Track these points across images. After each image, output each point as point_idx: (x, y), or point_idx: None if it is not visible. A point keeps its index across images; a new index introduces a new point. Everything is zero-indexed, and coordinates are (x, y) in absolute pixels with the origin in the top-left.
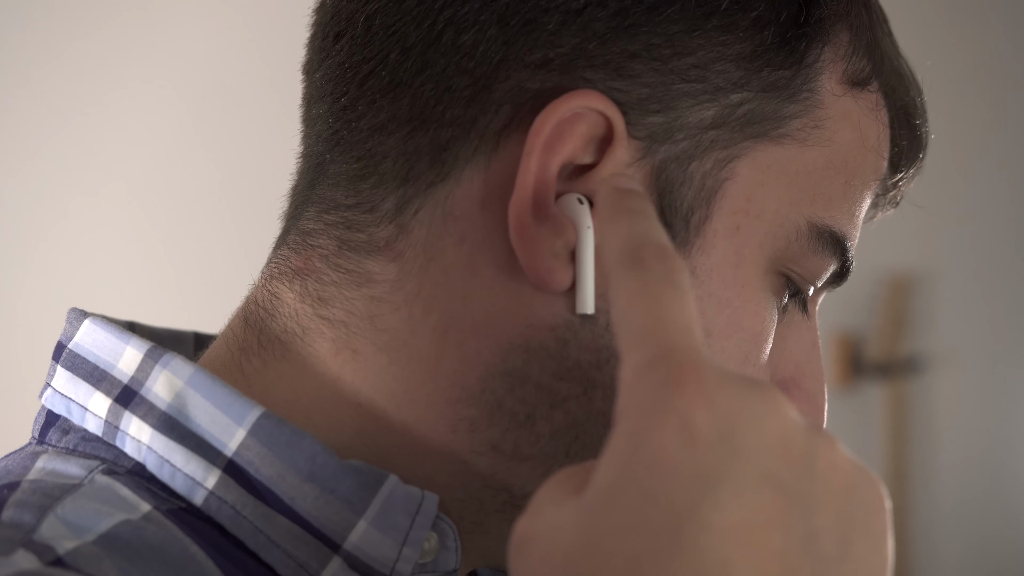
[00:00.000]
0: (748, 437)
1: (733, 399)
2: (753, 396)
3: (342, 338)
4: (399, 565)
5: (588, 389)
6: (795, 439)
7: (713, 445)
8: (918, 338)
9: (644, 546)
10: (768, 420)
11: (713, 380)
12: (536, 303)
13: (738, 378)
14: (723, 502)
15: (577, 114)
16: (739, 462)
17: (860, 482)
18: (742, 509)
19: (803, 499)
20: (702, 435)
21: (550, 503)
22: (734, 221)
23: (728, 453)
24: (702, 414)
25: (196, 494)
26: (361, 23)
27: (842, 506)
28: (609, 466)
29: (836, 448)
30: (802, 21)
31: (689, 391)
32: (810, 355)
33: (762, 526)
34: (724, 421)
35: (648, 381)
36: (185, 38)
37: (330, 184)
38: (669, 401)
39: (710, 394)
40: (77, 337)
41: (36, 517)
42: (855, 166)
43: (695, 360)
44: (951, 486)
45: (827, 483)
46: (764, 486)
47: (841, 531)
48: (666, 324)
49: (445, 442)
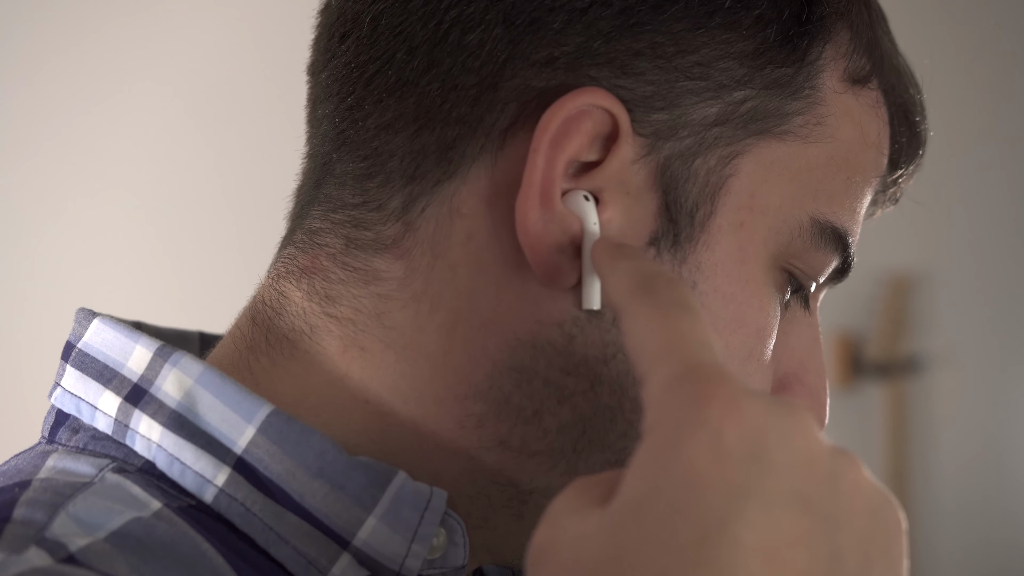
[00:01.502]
0: (777, 454)
1: (762, 415)
2: (780, 413)
3: (350, 336)
4: (408, 561)
5: (595, 384)
6: (821, 458)
7: (743, 461)
8: (918, 338)
9: (672, 560)
10: (796, 438)
11: (742, 396)
12: (543, 299)
13: (765, 395)
14: (752, 519)
15: (583, 111)
16: (768, 479)
17: (881, 504)
18: (770, 526)
19: (828, 518)
20: (732, 450)
21: (570, 513)
22: (738, 217)
23: (757, 469)
24: (732, 428)
25: (206, 492)
26: (367, 23)
27: (864, 527)
28: (638, 479)
29: (859, 469)
30: (804, 19)
31: (719, 405)
32: (812, 351)
33: (789, 543)
34: (753, 437)
35: (677, 396)
36: (190, 39)
37: (336, 183)
38: (699, 415)
39: (740, 409)
40: (86, 337)
41: (48, 515)
42: (856, 162)
43: (722, 375)
44: (951, 486)
45: (851, 503)
46: (792, 503)
47: (863, 551)
48: (688, 342)
49: (453, 438)
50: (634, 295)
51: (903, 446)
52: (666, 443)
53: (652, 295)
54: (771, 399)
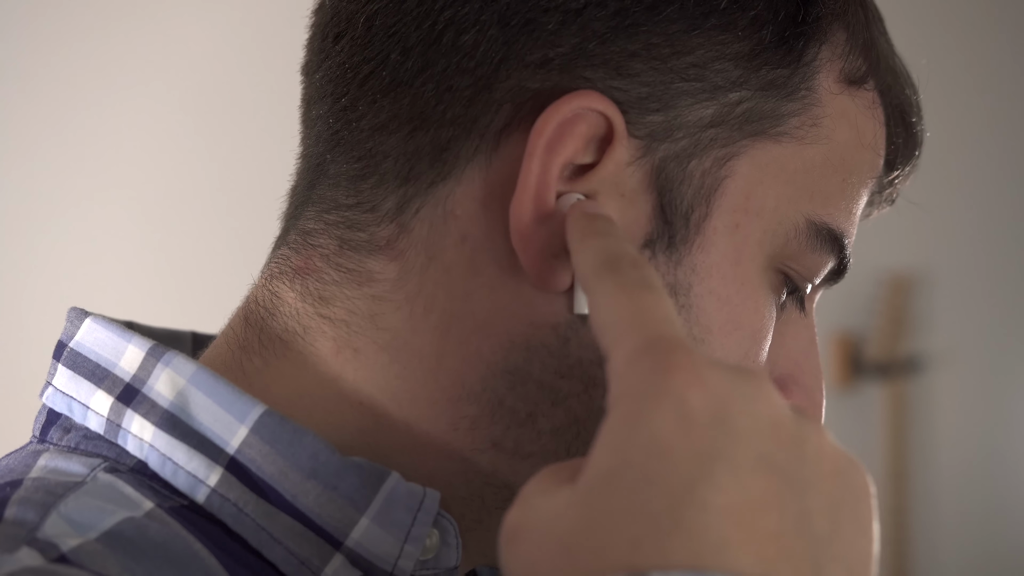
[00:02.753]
0: (741, 419)
1: (724, 382)
2: (743, 380)
3: (343, 337)
4: (401, 562)
5: (589, 387)
6: (785, 423)
7: (708, 426)
8: (918, 338)
9: (644, 528)
10: (759, 403)
11: (704, 364)
12: (537, 302)
13: (726, 364)
14: (720, 482)
15: (578, 115)
16: (734, 443)
17: (847, 467)
18: (739, 489)
19: (796, 480)
20: (697, 417)
21: (540, 494)
22: (733, 219)
23: (723, 434)
24: (696, 396)
25: (198, 492)
26: (361, 24)
27: (831, 489)
28: (605, 451)
29: (823, 434)
30: (800, 20)
31: (682, 374)
32: (808, 352)
33: (758, 506)
34: (718, 403)
35: (640, 367)
36: (185, 39)
37: (330, 184)
38: (663, 384)
39: (702, 377)
40: (78, 336)
41: (39, 515)
42: (852, 164)
43: (684, 346)
44: (951, 486)
45: (817, 466)
46: (759, 467)
47: (831, 513)
48: (650, 315)
49: (446, 440)
50: (598, 273)
51: (903, 446)
52: (631, 414)
53: (616, 273)
54: (733, 367)
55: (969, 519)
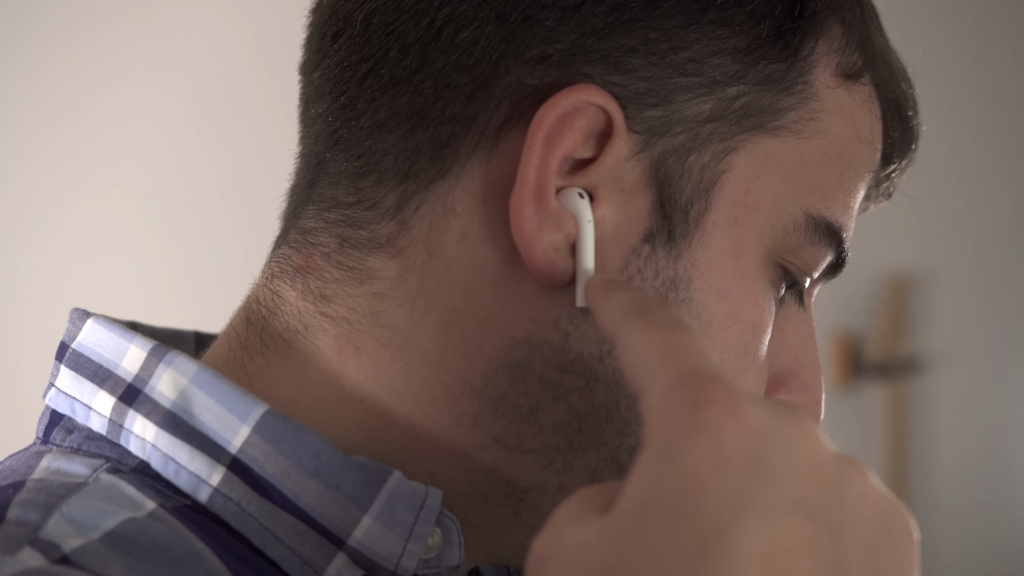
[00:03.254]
0: (778, 460)
1: (763, 420)
2: (783, 418)
3: (345, 335)
4: (403, 561)
5: (591, 381)
6: (826, 465)
7: (744, 467)
8: (918, 338)
9: (671, 568)
10: (799, 444)
11: (742, 400)
12: (538, 297)
13: (767, 400)
14: (752, 527)
15: (577, 108)
16: (769, 486)
17: (890, 513)
18: (771, 534)
19: (833, 526)
20: (733, 456)
21: (571, 522)
22: (732, 213)
23: (758, 476)
24: (732, 433)
25: (201, 492)
26: (359, 22)
27: (871, 536)
28: (638, 486)
29: (867, 477)
30: (796, 14)
31: (719, 409)
32: (807, 347)
33: (791, 552)
34: (754, 442)
35: (676, 401)
36: (184, 39)
37: (330, 182)
38: (699, 419)
39: (740, 413)
40: (80, 337)
41: (42, 515)
42: (850, 157)
43: (721, 379)
44: (951, 486)
45: (857, 512)
46: (794, 512)
47: (870, 561)
48: (685, 350)
49: (449, 437)
50: (627, 318)
51: (903, 446)
52: (666, 449)
53: (646, 315)
54: (773, 404)
55: (969, 519)
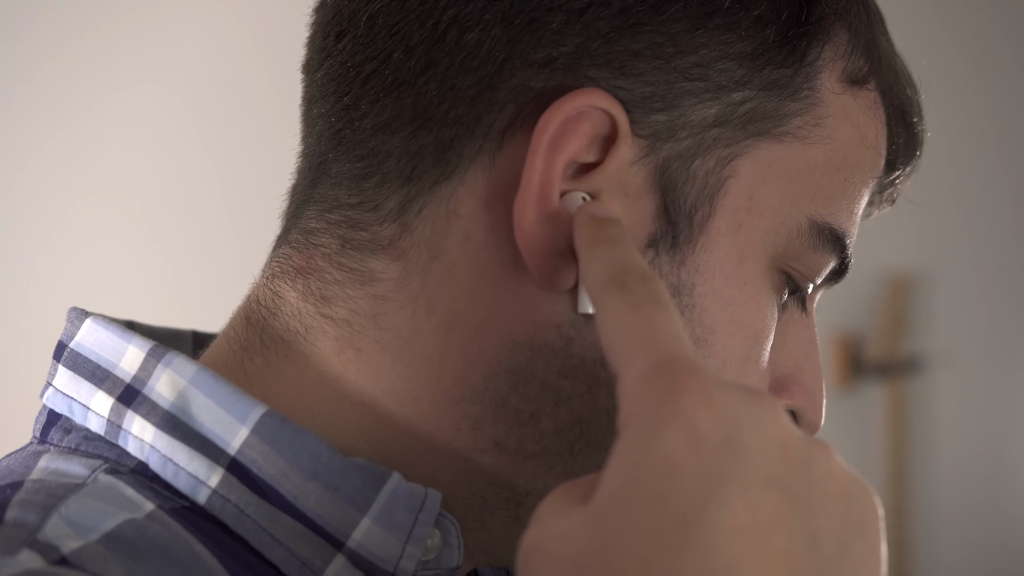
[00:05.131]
0: (751, 440)
1: (734, 403)
2: (753, 401)
3: (345, 337)
4: (402, 563)
5: (592, 386)
6: (794, 444)
7: (718, 447)
8: (918, 338)
9: (654, 547)
10: (768, 424)
11: (714, 385)
12: (540, 301)
13: (736, 385)
14: (730, 502)
15: (582, 112)
16: (744, 464)
17: (855, 488)
18: (749, 509)
19: (805, 501)
20: (707, 438)
21: (554, 514)
22: (736, 219)
23: (733, 455)
24: (706, 417)
25: (199, 493)
26: (363, 22)
27: (841, 510)
28: (616, 471)
29: (832, 455)
30: (803, 20)
31: (693, 396)
32: (809, 352)
33: (768, 526)
34: (727, 424)
35: (651, 388)
36: (185, 38)
37: (332, 183)
38: (674, 405)
39: (712, 398)
40: (79, 336)
41: (40, 517)
42: (854, 163)
43: (695, 367)
44: (951, 486)
45: (825, 487)
46: (769, 487)
47: (840, 533)
48: (660, 335)
49: (449, 440)
50: (606, 289)
51: (903, 446)
52: (642, 435)
53: (624, 290)
54: (743, 389)
55: (969, 519)
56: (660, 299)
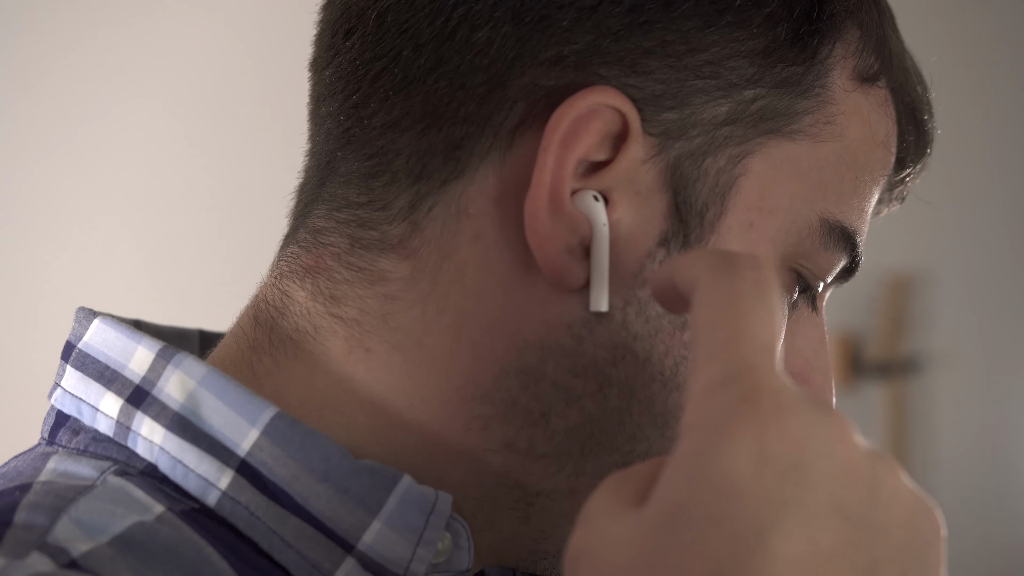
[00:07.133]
0: (817, 463)
1: (805, 425)
2: (823, 422)
3: (355, 336)
4: (413, 565)
5: (604, 386)
6: (860, 466)
7: (784, 473)
8: (918, 338)
9: (707, 570)
10: (836, 447)
11: (788, 405)
12: (551, 300)
13: (810, 402)
14: (790, 531)
15: (593, 110)
16: (808, 490)
17: (920, 511)
18: (809, 539)
19: (867, 529)
20: (772, 461)
21: (605, 516)
22: (748, 217)
23: (797, 482)
24: (774, 440)
25: (209, 495)
26: (372, 20)
27: (902, 536)
28: (673, 482)
29: (897, 476)
30: (814, 17)
31: (764, 415)
32: (818, 351)
33: (827, 556)
34: (795, 448)
35: (721, 399)
36: (190, 36)
37: (341, 182)
38: (742, 423)
39: (784, 419)
40: (87, 337)
41: (50, 519)
42: (865, 161)
43: (772, 383)
44: (951, 486)
45: (889, 512)
46: (831, 516)
47: (900, 560)
48: (748, 341)
49: (459, 440)
50: (714, 270)
51: (903, 446)
52: (704, 448)
53: (733, 273)
54: (815, 408)
55: (969, 518)
56: (764, 294)
